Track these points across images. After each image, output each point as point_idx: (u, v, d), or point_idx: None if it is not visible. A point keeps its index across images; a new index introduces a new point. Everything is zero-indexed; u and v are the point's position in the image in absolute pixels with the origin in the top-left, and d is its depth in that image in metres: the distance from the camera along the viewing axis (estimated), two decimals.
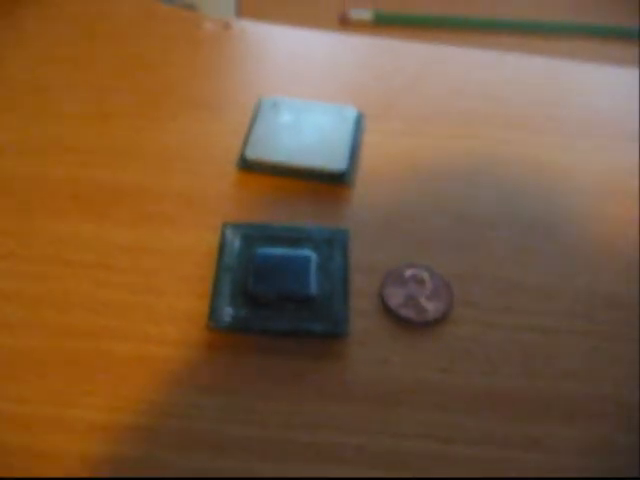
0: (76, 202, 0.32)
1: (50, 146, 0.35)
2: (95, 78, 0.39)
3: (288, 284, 0.28)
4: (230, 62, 0.40)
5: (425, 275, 0.30)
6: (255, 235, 0.31)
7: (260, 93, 0.38)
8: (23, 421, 0.25)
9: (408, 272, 0.30)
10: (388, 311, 0.29)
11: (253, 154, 0.33)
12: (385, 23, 0.57)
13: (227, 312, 0.28)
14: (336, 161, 0.33)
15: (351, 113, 0.36)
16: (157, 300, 0.29)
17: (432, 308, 0.29)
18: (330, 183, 0.33)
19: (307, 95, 0.38)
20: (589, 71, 0.42)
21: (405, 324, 0.29)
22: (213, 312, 0.28)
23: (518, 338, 0.28)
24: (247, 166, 0.33)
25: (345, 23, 0.57)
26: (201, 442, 0.25)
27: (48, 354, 0.27)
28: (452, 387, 0.27)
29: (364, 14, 0.57)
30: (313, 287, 0.28)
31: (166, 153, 0.35)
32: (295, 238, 0.31)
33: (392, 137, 0.36)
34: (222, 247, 0.30)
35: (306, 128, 0.35)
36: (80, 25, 0.42)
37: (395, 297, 0.29)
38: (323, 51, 0.42)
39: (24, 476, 0.24)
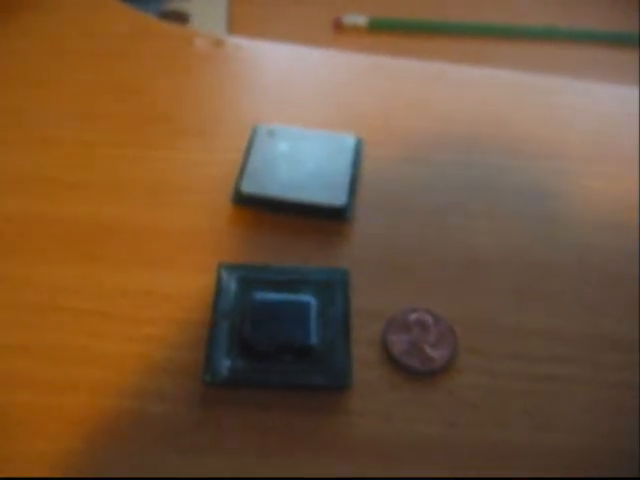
0: (64, 243, 0.31)
1: (30, 179, 0.33)
2: (79, 102, 0.37)
3: (287, 333, 0.27)
4: (222, 84, 0.39)
5: (429, 320, 0.29)
6: (252, 278, 0.29)
7: (254, 118, 0.37)
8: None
9: (412, 317, 0.29)
10: (391, 359, 0.28)
11: (249, 188, 0.32)
12: (379, 29, 0.56)
13: (224, 364, 0.27)
14: (336, 195, 0.32)
15: (350, 142, 0.35)
16: (153, 350, 0.28)
17: (437, 356, 0.28)
18: (329, 219, 0.32)
19: (303, 119, 0.37)
20: (590, 89, 0.41)
21: (409, 373, 0.28)
22: (209, 365, 0.27)
23: (523, 387, 0.27)
24: (242, 201, 0.32)
25: (339, 29, 0.56)
26: None
27: (40, 410, 0.25)
28: (458, 443, 0.26)
29: (358, 20, 0.55)
30: (313, 336, 0.27)
31: (156, 186, 0.33)
32: (293, 281, 0.29)
33: (391, 164, 0.35)
34: (218, 291, 0.29)
35: (303, 159, 0.34)
36: (62, 43, 0.40)
37: (399, 344, 0.28)
38: (318, 69, 0.41)
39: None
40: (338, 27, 0.56)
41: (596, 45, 0.55)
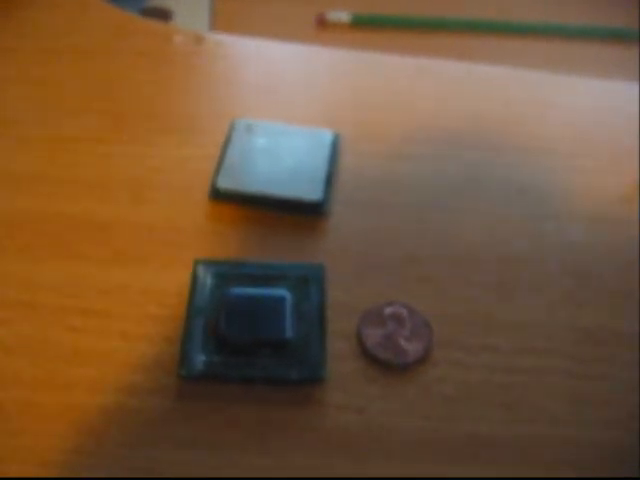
0: (45, 240, 0.31)
1: (13, 175, 0.33)
2: (61, 98, 0.37)
3: (262, 327, 0.27)
4: (204, 80, 0.39)
5: (404, 313, 0.29)
6: (228, 273, 0.30)
7: (233, 113, 0.37)
8: None
9: (387, 310, 0.29)
10: (366, 352, 0.28)
11: (225, 184, 0.32)
12: (363, 25, 0.56)
13: (199, 359, 0.27)
14: (312, 191, 0.32)
15: (327, 137, 0.35)
16: (129, 346, 0.28)
17: (412, 349, 0.28)
18: (306, 214, 0.32)
19: (283, 114, 0.37)
20: (576, 84, 0.41)
21: (384, 366, 0.28)
22: (185, 360, 0.27)
23: (500, 380, 0.28)
24: (219, 196, 0.32)
25: (322, 25, 0.56)
26: None
27: (16, 407, 0.26)
28: (433, 435, 0.26)
29: (341, 16, 0.55)
30: (288, 330, 0.27)
31: (136, 182, 0.33)
32: (269, 276, 0.30)
33: (371, 160, 0.35)
34: (193, 287, 0.29)
35: (280, 154, 0.34)
36: (45, 41, 0.40)
37: (373, 337, 0.28)
38: (300, 65, 0.41)
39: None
40: (321, 23, 0.56)
41: (595, 41, 0.54)
